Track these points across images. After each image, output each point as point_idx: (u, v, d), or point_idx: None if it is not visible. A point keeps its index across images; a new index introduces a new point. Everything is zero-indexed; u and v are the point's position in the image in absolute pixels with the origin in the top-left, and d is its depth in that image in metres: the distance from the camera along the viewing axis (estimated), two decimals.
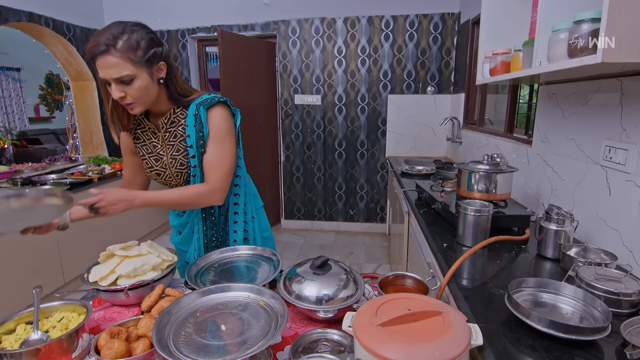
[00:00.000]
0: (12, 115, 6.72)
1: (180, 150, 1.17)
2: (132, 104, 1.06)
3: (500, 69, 1.45)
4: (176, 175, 1.19)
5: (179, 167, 1.18)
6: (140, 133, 1.22)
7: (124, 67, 1.00)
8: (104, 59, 0.98)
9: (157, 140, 1.20)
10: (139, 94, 1.05)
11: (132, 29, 1.03)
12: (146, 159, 1.21)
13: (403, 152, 3.90)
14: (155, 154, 1.20)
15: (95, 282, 1.04)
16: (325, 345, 0.85)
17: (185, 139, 1.16)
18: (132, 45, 1.01)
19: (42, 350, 0.76)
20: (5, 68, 6.56)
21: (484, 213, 1.25)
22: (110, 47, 0.98)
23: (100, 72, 1.01)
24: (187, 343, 0.73)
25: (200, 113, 1.14)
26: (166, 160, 1.19)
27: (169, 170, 1.19)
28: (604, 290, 0.87)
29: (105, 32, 0.99)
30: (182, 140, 1.17)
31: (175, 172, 1.18)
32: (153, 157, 1.20)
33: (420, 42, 3.65)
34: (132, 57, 1.01)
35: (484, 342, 0.74)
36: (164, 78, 1.12)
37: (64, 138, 6.74)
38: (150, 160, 1.20)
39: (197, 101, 1.16)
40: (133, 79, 1.02)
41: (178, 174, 1.18)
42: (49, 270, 2.62)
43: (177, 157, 1.17)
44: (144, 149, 1.21)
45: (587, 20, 0.89)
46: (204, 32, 3.91)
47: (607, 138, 1.21)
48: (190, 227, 1.31)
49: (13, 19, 3.02)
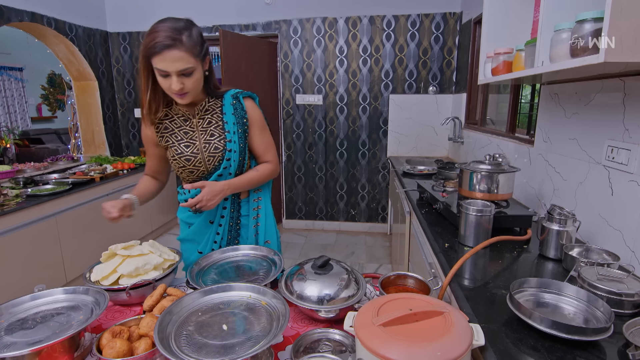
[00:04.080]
0: (14, 115, 6.74)
1: (214, 135, 1.25)
2: (186, 94, 1.13)
3: (502, 69, 1.45)
4: (207, 160, 1.25)
5: (212, 151, 1.25)
6: (168, 123, 1.27)
7: (189, 61, 1.07)
8: (170, 52, 1.04)
9: (190, 127, 1.26)
10: (194, 85, 1.13)
11: (190, 24, 1.12)
12: (175, 146, 1.26)
13: (404, 152, 3.90)
14: (187, 140, 1.25)
15: (97, 281, 1.05)
16: (327, 345, 0.85)
17: (222, 125, 1.26)
18: (194, 40, 1.09)
19: (44, 350, 0.76)
20: (8, 68, 6.59)
21: (485, 213, 1.25)
22: (177, 42, 1.05)
23: (162, 65, 1.06)
24: (188, 342, 0.74)
25: (240, 102, 1.27)
26: (199, 145, 1.25)
27: (201, 155, 1.25)
28: (606, 291, 0.87)
29: (167, 27, 1.06)
30: (218, 126, 1.26)
31: (207, 157, 1.25)
32: (183, 143, 1.25)
33: (422, 41, 3.65)
34: (194, 52, 1.09)
35: (486, 342, 0.74)
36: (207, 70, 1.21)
37: (66, 138, 6.76)
38: (180, 147, 1.25)
39: (231, 92, 1.29)
40: (193, 72, 1.10)
41: (210, 158, 1.25)
42: (51, 269, 2.63)
43: (211, 141, 1.25)
44: (173, 137, 1.26)
45: (590, 20, 0.89)
46: (206, 32, 3.91)
47: (610, 138, 1.21)
48: (208, 217, 1.33)
49: (15, 19, 3.03)
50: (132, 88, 4.23)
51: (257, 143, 1.33)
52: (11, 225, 2.31)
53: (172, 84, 1.08)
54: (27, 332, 0.82)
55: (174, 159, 1.27)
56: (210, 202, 1.18)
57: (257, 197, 1.39)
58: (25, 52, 6.64)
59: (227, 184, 1.23)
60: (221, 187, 1.21)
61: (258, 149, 1.34)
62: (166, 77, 1.08)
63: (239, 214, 1.38)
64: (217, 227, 1.34)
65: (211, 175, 1.27)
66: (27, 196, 2.57)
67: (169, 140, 1.26)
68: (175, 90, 1.09)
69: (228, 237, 1.37)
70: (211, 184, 1.20)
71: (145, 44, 1.06)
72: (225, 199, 1.33)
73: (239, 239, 1.40)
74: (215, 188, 1.19)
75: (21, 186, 2.82)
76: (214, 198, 1.19)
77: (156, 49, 1.04)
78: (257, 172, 1.32)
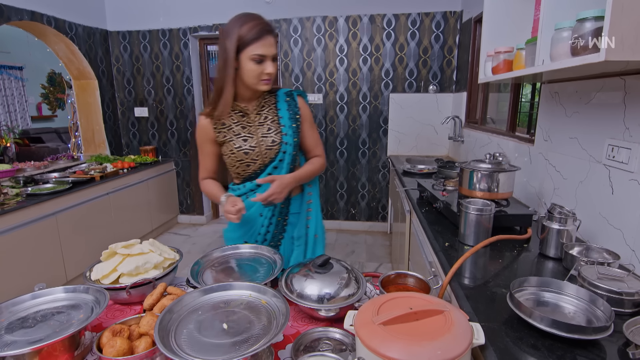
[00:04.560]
0: (14, 114, 6.74)
1: (271, 130, 1.33)
2: (271, 80, 1.26)
3: (502, 68, 1.45)
4: (264, 154, 1.33)
5: (269, 144, 1.32)
6: (225, 119, 1.33)
7: (276, 48, 1.24)
8: (268, 38, 1.19)
9: (247, 122, 1.33)
10: (276, 72, 1.26)
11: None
12: (233, 140, 1.32)
13: (405, 151, 3.90)
14: (245, 134, 1.32)
15: (97, 280, 1.05)
16: (327, 344, 0.86)
17: (277, 120, 1.34)
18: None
19: (45, 348, 0.76)
20: (8, 67, 6.58)
21: (485, 212, 1.25)
22: (272, 29, 1.21)
23: (262, 50, 1.18)
24: (189, 341, 0.74)
25: (294, 99, 1.37)
26: (257, 139, 1.32)
27: (258, 148, 1.32)
28: (607, 290, 0.87)
29: (258, 17, 1.20)
30: (274, 121, 1.34)
31: (265, 150, 1.32)
32: (241, 137, 1.32)
33: (422, 40, 3.64)
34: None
35: (486, 341, 0.74)
36: None
37: (66, 137, 6.76)
38: (238, 140, 1.32)
39: (284, 90, 1.39)
40: (276, 59, 1.25)
41: (267, 151, 1.33)
42: (51, 268, 2.64)
43: (268, 135, 1.33)
44: (231, 132, 1.32)
45: (591, 19, 0.89)
46: (206, 31, 3.91)
47: (610, 137, 1.21)
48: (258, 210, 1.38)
49: (15, 18, 3.03)
50: (132, 87, 4.23)
51: (307, 138, 1.41)
52: (11, 224, 2.31)
53: (268, 68, 1.21)
54: (28, 331, 0.82)
55: (231, 153, 1.32)
56: (280, 194, 1.25)
57: (310, 191, 1.47)
58: (25, 51, 6.64)
59: (292, 177, 1.30)
60: (289, 180, 1.28)
61: (308, 144, 1.43)
62: (260, 63, 1.20)
63: (287, 210, 1.42)
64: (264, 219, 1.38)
65: (266, 167, 1.34)
66: (27, 195, 2.57)
67: (227, 135, 1.32)
68: (271, 71, 1.22)
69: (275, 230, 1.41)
70: (280, 177, 1.26)
71: (241, 35, 1.16)
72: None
73: (284, 234, 1.44)
74: (284, 181, 1.27)
75: (21, 185, 2.83)
76: (284, 190, 1.26)
77: (257, 35, 1.16)
78: (313, 166, 1.41)
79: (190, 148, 4.25)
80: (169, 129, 4.27)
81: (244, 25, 1.16)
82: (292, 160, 1.35)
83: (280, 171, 1.34)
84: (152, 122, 4.30)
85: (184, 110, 4.19)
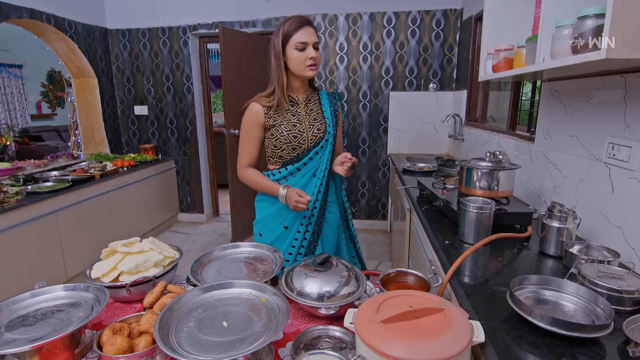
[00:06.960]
0: (14, 112, 6.74)
1: (317, 120, 1.50)
2: (316, 65, 1.40)
3: (503, 66, 1.44)
4: (310, 139, 1.47)
5: (315, 131, 1.48)
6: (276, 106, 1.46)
7: (317, 37, 1.40)
8: (308, 28, 1.37)
9: (298, 109, 1.48)
10: (319, 59, 1.42)
11: None
12: (284, 124, 1.45)
13: (405, 149, 3.90)
14: (294, 121, 1.46)
15: (97, 278, 1.05)
16: (327, 342, 0.86)
17: (322, 114, 1.52)
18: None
19: (45, 346, 0.76)
20: (7, 65, 6.58)
21: (486, 210, 1.25)
22: (311, 22, 1.39)
23: (304, 37, 1.35)
24: (189, 339, 0.74)
25: (335, 99, 1.57)
26: (305, 125, 1.47)
27: (306, 134, 1.46)
28: (607, 288, 0.87)
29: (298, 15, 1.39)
30: (319, 113, 1.51)
31: (311, 136, 1.47)
32: (291, 123, 1.46)
33: (422, 38, 3.63)
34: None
35: (486, 339, 0.74)
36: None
37: (66, 135, 6.76)
38: (288, 125, 1.45)
39: (326, 91, 1.58)
40: (318, 47, 1.40)
41: (313, 137, 1.47)
42: (51, 266, 2.64)
43: (315, 124, 1.49)
44: (281, 118, 1.45)
45: (591, 16, 0.88)
46: (205, 29, 3.90)
47: (611, 135, 1.21)
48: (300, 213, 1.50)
49: (14, 16, 3.02)
50: (132, 85, 4.22)
51: (338, 137, 1.58)
52: (11, 222, 2.31)
53: (310, 53, 1.36)
54: (28, 329, 0.83)
55: (280, 135, 1.44)
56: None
57: (344, 194, 1.65)
58: (25, 49, 6.63)
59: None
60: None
61: (338, 143, 1.59)
62: (302, 50, 1.36)
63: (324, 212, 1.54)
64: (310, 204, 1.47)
65: (309, 152, 1.47)
66: (27, 193, 2.57)
67: (277, 120, 1.45)
68: (313, 55, 1.37)
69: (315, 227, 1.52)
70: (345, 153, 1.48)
71: (284, 30, 1.35)
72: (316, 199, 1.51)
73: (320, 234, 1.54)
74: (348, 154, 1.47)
75: (21, 183, 2.82)
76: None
77: (297, 26, 1.34)
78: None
79: (190, 146, 4.25)
80: (168, 127, 4.27)
81: (286, 22, 1.36)
82: (332, 148, 1.50)
83: (323, 157, 1.49)
84: (152, 121, 4.29)
85: (184, 108, 4.18)
